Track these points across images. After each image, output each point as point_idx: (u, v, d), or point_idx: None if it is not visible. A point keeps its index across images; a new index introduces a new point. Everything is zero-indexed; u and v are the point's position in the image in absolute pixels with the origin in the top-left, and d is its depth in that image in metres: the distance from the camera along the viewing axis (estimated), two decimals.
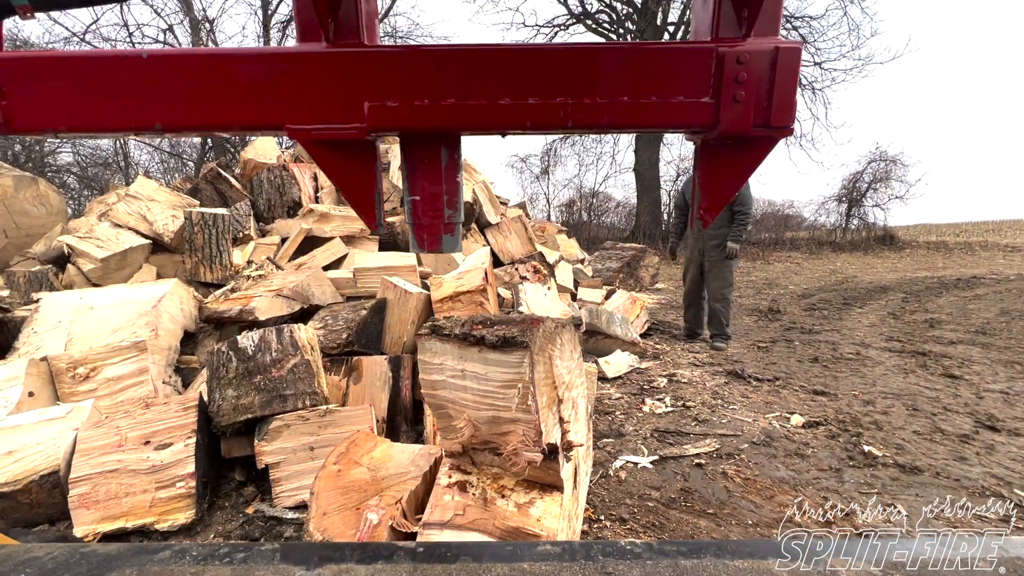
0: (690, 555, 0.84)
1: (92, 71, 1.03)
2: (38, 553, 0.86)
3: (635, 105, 1.04)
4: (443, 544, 0.91)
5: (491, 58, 1.04)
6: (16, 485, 2.08)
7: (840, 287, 10.83)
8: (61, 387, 2.61)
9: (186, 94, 1.04)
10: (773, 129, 1.04)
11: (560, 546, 0.89)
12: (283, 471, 2.38)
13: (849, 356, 5.21)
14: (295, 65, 1.03)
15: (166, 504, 2.17)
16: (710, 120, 1.03)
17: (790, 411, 3.66)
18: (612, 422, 3.48)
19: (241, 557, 0.85)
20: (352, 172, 1.12)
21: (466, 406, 1.45)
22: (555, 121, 1.05)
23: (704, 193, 1.14)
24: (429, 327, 1.31)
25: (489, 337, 1.27)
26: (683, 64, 1.03)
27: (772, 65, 1.01)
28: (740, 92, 1.01)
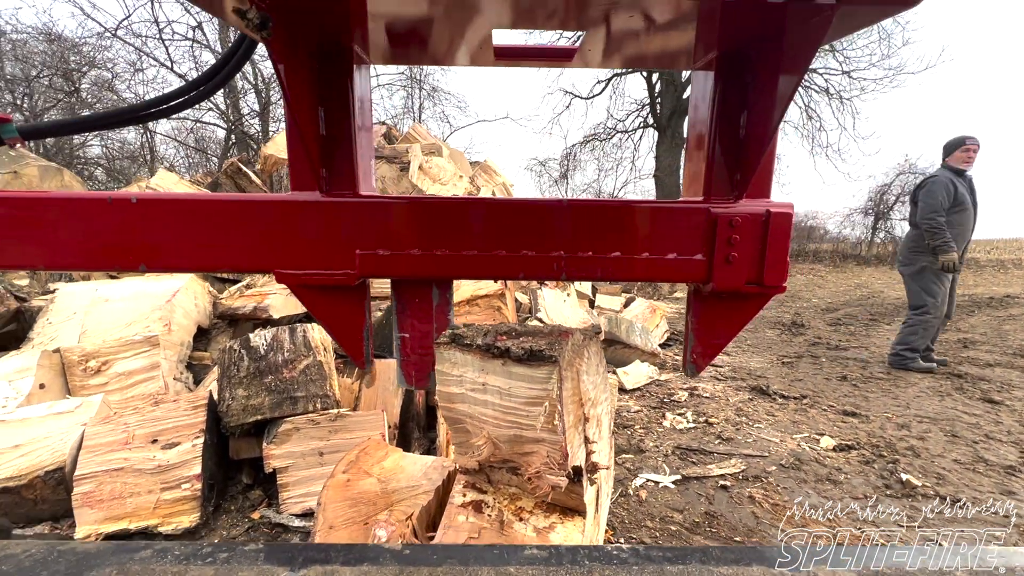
0: (675, 561, 0.84)
1: (79, 213, 1.01)
2: (15, 550, 0.83)
3: (629, 260, 1.04)
4: (429, 547, 0.89)
5: (486, 211, 1.04)
6: (21, 480, 2.03)
7: (866, 302, 10.52)
8: (72, 380, 2.57)
9: (174, 237, 1.02)
10: (766, 287, 1.04)
11: (547, 550, 0.88)
12: (291, 476, 2.30)
13: (880, 375, 5.00)
14: (287, 213, 1.02)
15: (171, 506, 2.10)
16: (703, 276, 1.04)
17: (819, 432, 3.48)
18: (631, 436, 3.35)
19: (224, 557, 0.83)
20: (340, 314, 1.10)
21: (486, 422, 1.34)
22: (549, 273, 1.05)
23: (697, 339, 1.14)
24: (449, 335, 1.19)
25: (515, 349, 1.16)
26: (676, 222, 1.03)
27: (764, 227, 1.01)
28: (733, 253, 1.02)
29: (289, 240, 1.03)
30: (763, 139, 0.92)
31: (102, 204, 1.00)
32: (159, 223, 1.02)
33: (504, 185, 6.16)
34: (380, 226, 1.03)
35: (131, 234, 1.01)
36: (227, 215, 1.02)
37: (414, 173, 5.27)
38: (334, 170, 1.04)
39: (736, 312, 1.11)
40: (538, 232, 1.04)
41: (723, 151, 1.03)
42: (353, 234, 1.03)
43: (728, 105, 1.01)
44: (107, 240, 1.02)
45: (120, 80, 10.70)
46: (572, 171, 21.47)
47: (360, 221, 1.03)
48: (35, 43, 9.77)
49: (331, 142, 1.03)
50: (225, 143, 14.32)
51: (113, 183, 10.95)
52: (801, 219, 23.65)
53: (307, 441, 2.32)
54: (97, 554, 0.83)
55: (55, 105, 10.11)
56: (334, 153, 1.03)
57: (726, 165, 1.04)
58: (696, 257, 1.04)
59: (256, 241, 1.03)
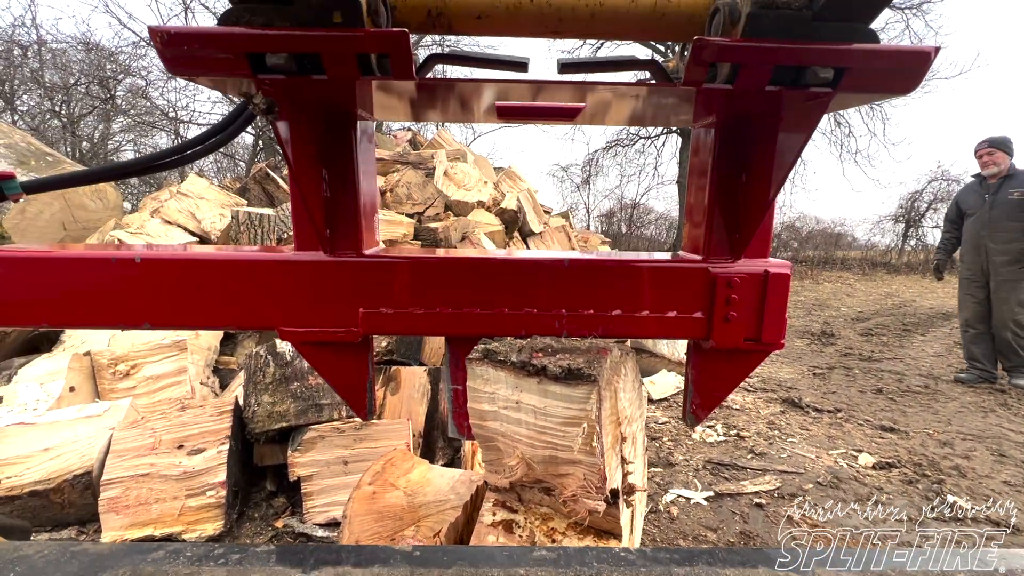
0: (683, 563, 0.84)
1: (82, 272, 1.01)
2: (28, 551, 0.83)
3: (630, 318, 1.06)
4: (440, 548, 0.90)
5: (488, 269, 1.06)
6: (50, 484, 2.04)
7: (898, 311, 10.18)
8: (101, 383, 2.59)
9: (178, 296, 1.02)
10: (764, 344, 1.05)
11: (556, 552, 0.89)
12: (315, 485, 2.27)
13: (918, 389, 4.80)
14: (291, 272, 1.03)
15: (195, 513, 2.09)
16: (702, 334, 1.06)
17: (857, 448, 3.34)
18: (660, 449, 3.26)
19: (236, 558, 0.83)
20: (343, 370, 1.11)
21: (519, 442, 1.29)
22: (551, 330, 1.07)
23: (696, 392, 1.15)
24: (482, 351, 1.14)
25: (552, 368, 1.11)
26: (676, 281, 1.05)
27: (763, 287, 1.03)
28: (731, 312, 1.03)
29: (293, 298, 1.03)
30: (763, 201, 0.93)
31: (106, 263, 1.01)
32: (163, 282, 1.02)
33: (529, 191, 6.11)
34: (383, 285, 1.04)
35: (135, 293, 1.01)
36: (231, 274, 1.03)
37: (439, 179, 5.25)
38: (338, 230, 1.04)
39: (735, 367, 1.12)
40: (540, 290, 1.05)
41: (722, 211, 1.04)
42: (356, 292, 1.04)
43: (728, 165, 1.01)
44: (111, 299, 1.01)
45: (154, 87, 11.01)
46: (594, 177, 21.37)
47: (363, 280, 1.04)
48: (74, 52, 10.12)
49: (335, 203, 1.03)
50: (253, 148, 14.59)
51: (145, 188, 11.23)
52: (828, 226, 23.12)
53: (332, 449, 2.29)
54: (110, 555, 0.83)
55: (91, 112, 10.44)
56: (338, 213, 1.03)
57: (725, 225, 1.04)
58: (696, 315, 1.05)
59: (260, 299, 1.03)
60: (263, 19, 0.70)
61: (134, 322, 1.03)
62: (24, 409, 2.31)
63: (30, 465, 2.07)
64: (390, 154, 5.59)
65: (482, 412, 1.31)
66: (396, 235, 4.60)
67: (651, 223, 22.26)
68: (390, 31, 0.70)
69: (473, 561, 0.86)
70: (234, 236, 3.70)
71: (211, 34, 0.69)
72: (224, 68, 0.72)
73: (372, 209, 1.12)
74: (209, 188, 4.08)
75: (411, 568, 0.83)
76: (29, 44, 9.67)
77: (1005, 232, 4.82)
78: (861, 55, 0.72)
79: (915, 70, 0.73)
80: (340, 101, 0.96)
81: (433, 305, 1.05)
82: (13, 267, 1.01)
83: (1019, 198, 4.74)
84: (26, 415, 2.24)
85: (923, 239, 19.73)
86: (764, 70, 0.74)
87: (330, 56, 0.72)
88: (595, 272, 1.06)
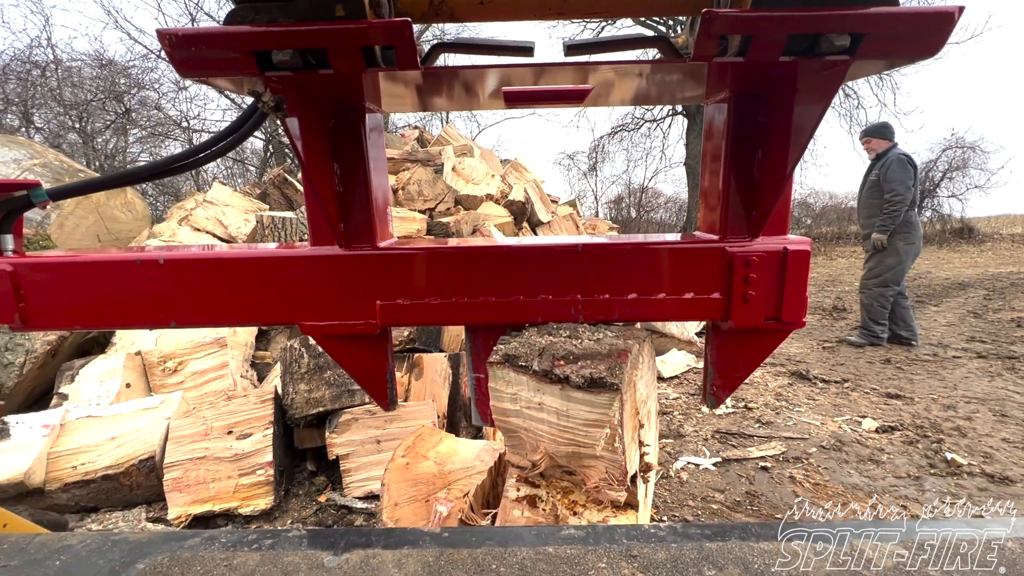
0: (715, 538, 0.84)
1: (109, 274, 1.04)
2: (71, 541, 0.87)
3: (647, 301, 1.04)
4: (468, 530, 0.93)
5: (502, 257, 1.05)
6: (119, 468, 2.28)
7: (912, 283, 10.16)
8: (153, 379, 2.84)
9: (202, 294, 1.05)
10: (784, 323, 1.03)
11: (584, 530, 0.89)
12: (352, 462, 2.49)
13: (926, 357, 4.89)
14: (309, 268, 1.05)
15: (248, 490, 2.32)
16: (721, 315, 1.04)
17: (861, 415, 3.48)
18: (671, 422, 3.43)
19: (269, 543, 0.86)
20: (363, 361, 1.12)
21: (542, 437, 1.30)
22: (567, 317, 1.06)
23: (717, 373, 1.13)
24: (503, 355, 1.15)
25: (574, 378, 1.12)
26: (692, 262, 1.03)
27: (781, 265, 1.00)
28: (750, 292, 1.01)
29: (312, 294, 1.05)
30: (780, 177, 0.91)
31: (131, 265, 1.03)
32: (186, 282, 1.04)
33: (535, 182, 6.26)
34: (399, 276, 1.05)
35: (160, 293, 1.04)
36: (251, 272, 1.05)
37: (448, 174, 5.43)
38: (352, 224, 1.05)
39: (755, 347, 1.10)
40: (555, 276, 1.05)
41: (738, 189, 1.02)
42: (373, 285, 1.05)
43: (743, 142, 0.99)
44: (138, 300, 1.05)
45: (166, 99, 11.34)
46: (601, 163, 21.36)
47: (379, 272, 1.04)
48: (89, 69, 10.46)
49: (347, 197, 1.04)
50: (264, 153, 14.89)
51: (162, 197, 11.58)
52: (841, 200, 22.83)
53: (366, 430, 2.51)
54: (149, 542, 0.86)
55: (108, 126, 10.79)
56: (351, 207, 1.04)
57: (742, 203, 1.02)
58: (714, 296, 1.04)
59: (280, 296, 1.05)
60: (267, 16, 0.70)
61: (161, 321, 1.06)
62: (88, 404, 2.56)
63: (100, 452, 2.31)
64: (400, 153, 5.78)
65: (504, 409, 1.32)
66: (410, 231, 4.80)
67: (660, 207, 22.21)
68: (392, 21, 0.70)
69: (502, 541, 0.85)
70: (259, 239, 3.93)
71: (218, 34, 0.70)
72: (232, 67, 0.73)
73: (385, 202, 1.13)
74: (233, 195, 4.31)
75: (440, 549, 0.83)
76: (46, 64, 10.02)
77: (867, 208, 5.43)
78: (879, 19, 0.68)
79: (937, 32, 0.69)
80: (348, 95, 0.96)
81: (449, 295, 1.05)
82: (45, 272, 1.04)
83: (874, 179, 5.24)
84: (92, 409, 2.49)
85: (939, 209, 19.45)
86: (776, 40, 0.71)
87: (335, 49, 0.72)
88: (609, 256, 1.05)
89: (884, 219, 5.17)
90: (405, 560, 0.81)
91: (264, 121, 1.11)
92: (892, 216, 5.15)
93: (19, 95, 9.77)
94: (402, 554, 0.82)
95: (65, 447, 2.32)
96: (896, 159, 5.16)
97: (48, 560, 0.82)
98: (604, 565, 0.80)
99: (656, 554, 0.81)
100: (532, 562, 0.80)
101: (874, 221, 5.28)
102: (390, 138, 7.39)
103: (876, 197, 5.26)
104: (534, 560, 0.81)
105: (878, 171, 5.21)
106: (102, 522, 2.22)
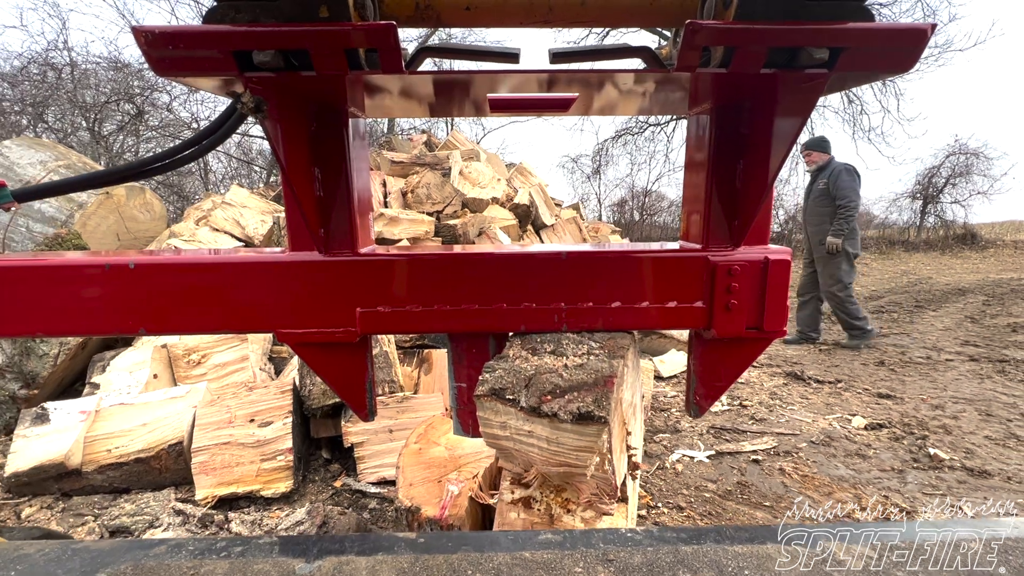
0: (690, 541, 0.84)
1: (76, 279, 1.00)
2: (29, 551, 0.83)
3: (630, 309, 1.05)
4: (444, 535, 0.91)
5: (485, 264, 1.04)
6: (150, 452, 2.45)
7: (912, 288, 10.27)
8: (178, 371, 3.01)
9: (174, 300, 1.01)
10: (766, 332, 1.04)
11: (561, 534, 0.89)
12: (366, 450, 2.65)
13: (919, 360, 5.02)
14: (286, 273, 1.02)
15: (269, 474, 2.48)
16: (703, 323, 1.05)
17: (851, 413, 3.62)
18: (668, 419, 3.58)
19: (239, 551, 0.83)
20: (342, 370, 1.10)
21: (533, 458, 1.27)
22: (550, 325, 1.05)
23: (700, 382, 1.13)
24: (489, 389, 1.08)
25: (562, 415, 1.09)
26: (675, 271, 1.04)
27: (763, 274, 1.02)
28: (732, 300, 1.02)
29: (289, 300, 1.02)
30: (761, 187, 0.92)
31: (99, 269, 0.99)
32: (157, 288, 1.00)
33: (539, 185, 6.43)
34: (380, 283, 1.02)
35: (130, 299, 1.00)
36: (225, 277, 1.01)
37: (455, 178, 5.60)
38: (332, 229, 1.02)
39: (737, 356, 1.11)
40: (538, 284, 1.04)
41: (720, 199, 1.03)
42: (353, 292, 1.02)
43: (725, 152, 1.01)
44: (106, 306, 1.00)
45: (178, 101, 11.56)
46: (604, 166, 21.50)
47: (359, 279, 1.02)
48: (104, 72, 10.69)
49: (328, 201, 1.01)
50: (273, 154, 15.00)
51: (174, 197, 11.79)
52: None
53: (379, 419, 2.67)
54: (111, 551, 0.82)
55: (122, 128, 11.02)
56: (331, 212, 1.01)
57: (724, 213, 1.03)
58: (696, 304, 1.04)
59: (256, 302, 1.02)
60: (249, 16, 0.69)
61: (130, 328, 1.02)
62: (119, 393, 2.73)
63: (133, 437, 2.48)
64: (408, 156, 5.95)
65: (495, 435, 1.27)
66: (419, 233, 4.97)
67: (663, 210, 22.33)
68: (377, 24, 0.69)
69: (478, 546, 0.84)
70: (276, 240, 4.10)
71: (196, 33, 0.68)
72: (211, 67, 0.71)
73: (366, 207, 1.11)
74: (250, 196, 4.48)
75: (415, 555, 0.81)
76: (62, 66, 10.26)
77: (816, 216, 5.68)
78: (855, 34, 0.71)
79: (912, 48, 0.72)
80: (330, 98, 0.94)
81: (431, 302, 1.03)
82: (8, 276, 0.99)
83: (823, 187, 5.52)
84: (124, 397, 2.66)
85: (942, 215, 19.52)
86: (758, 52, 0.73)
87: (317, 51, 0.70)
88: (593, 264, 1.05)
89: (840, 223, 5.43)
90: (379, 567, 0.79)
91: (244, 121, 1.07)
92: (847, 220, 5.45)
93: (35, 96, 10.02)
94: (376, 560, 0.80)
95: (100, 432, 2.49)
96: (844, 169, 5.49)
97: (2, 571, 0.79)
98: (580, 570, 0.80)
99: (632, 558, 0.81)
100: (509, 567, 0.80)
101: (824, 228, 5.54)
102: (399, 142, 7.57)
103: (825, 205, 5.55)
104: (511, 565, 0.80)
105: (826, 180, 5.49)
106: (135, 502, 2.38)
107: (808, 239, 5.85)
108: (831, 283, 5.58)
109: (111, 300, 1.00)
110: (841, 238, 5.43)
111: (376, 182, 5.13)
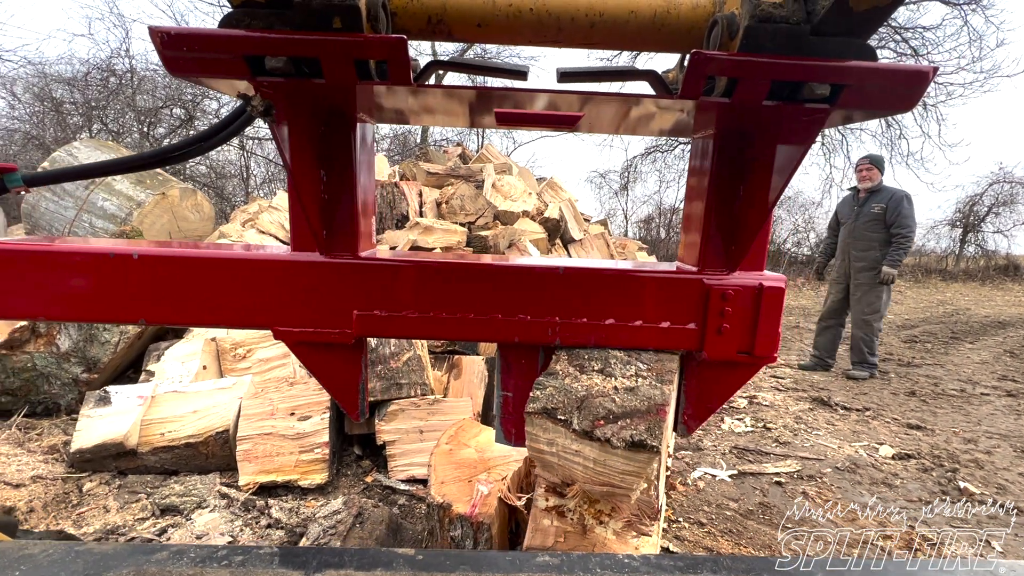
0: (687, 570, 0.84)
1: (78, 267, 1.01)
2: (33, 551, 0.84)
3: (624, 327, 1.06)
4: (442, 553, 0.91)
5: (483, 275, 1.05)
6: (199, 438, 2.61)
7: (949, 319, 9.98)
8: (225, 364, 3.19)
9: (175, 292, 1.03)
10: (756, 357, 1.06)
11: (559, 557, 0.89)
12: (397, 448, 2.77)
13: (952, 392, 4.92)
14: (286, 272, 1.03)
15: (307, 465, 2.62)
16: (695, 345, 1.06)
17: (879, 442, 3.59)
18: (690, 436, 3.60)
19: (239, 560, 0.83)
20: (336, 371, 1.11)
21: (576, 476, 1.25)
22: (544, 338, 1.06)
23: (689, 402, 1.14)
24: (541, 408, 1.07)
25: (615, 441, 1.07)
26: (670, 292, 1.05)
27: (756, 300, 1.03)
28: (725, 324, 1.03)
29: (288, 298, 1.03)
30: (760, 213, 0.94)
31: (104, 258, 1.01)
32: (159, 279, 1.02)
33: (569, 200, 6.54)
34: (378, 287, 1.04)
35: (132, 288, 1.02)
36: (226, 272, 1.03)
37: (488, 191, 5.76)
38: (334, 231, 1.04)
39: (727, 379, 1.12)
40: (534, 297, 1.05)
41: (719, 222, 1.04)
42: (351, 294, 1.03)
43: (725, 178, 1.02)
44: (108, 293, 1.02)
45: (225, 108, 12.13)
46: (632, 183, 21.52)
47: (358, 282, 1.03)
48: (160, 79, 11.33)
49: (332, 203, 1.03)
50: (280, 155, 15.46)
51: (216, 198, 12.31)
52: None
53: (410, 420, 2.79)
54: (114, 555, 0.82)
55: (173, 131, 11.63)
56: (335, 214, 1.03)
57: (721, 237, 1.04)
58: (689, 326, 1.05)
59: (255, 298, 1.03)
60: (263, 23, 0.70)
61: (129, 317, 1.04)
62: (172, 381, 2.92)
63: (184, 423, 2.65)
64: (443, 168, 6.15)
65: (540, 449, 1.25)
66: (451, 243, 5.13)
67: None
68: (389, 37, 0.70)
69: (476, 565, 0.84)
70: None
71: (211, 36, 0.69)
72: (223, 70, 0.73)
73: (369, 212, 1.12)
74: None
75: (414, 572, 0.81)
76: (123, 72, 10.92)
77: (864, 241, 5.39)
78: (857, 72, 0.71)
79: (913, 89, 0.73)
80: (339, 105, 0.96)
81: (427, 309, 1.04)
82: (15, 259, 1.01)
83: (879, 212, 5.28)
84: (177, 385, 2.84)
85: (984, 244, 18.90)
86: (761, 84, 0.74)
87: (328, 60, 0.72)
88: (590, 281, 1.06)
89: (899, 254, 5.23)
90: None
91: (252, 122, 1.09)
92: (905, 251, 5.27)
93: (97, 100, 10.66)
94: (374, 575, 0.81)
95: (155, 416, 2.67)
96: (905, 196, 5.31)
97: (6, 570, 0.79)
98: None
99: None
100: None
101: (872, 255, 5.32)
102: (434, 154, 7.80)
103: (877, 231, 5.31)
104: None
105: (883, 205, 5.28)
106: (183, 483, 2.55)
107: (847, 263, 5.52)
108: (869, 312, 5.38)
109: (113, 288, 1.02)
110: (897, 268, 5.23)
111: (412, 192, 5.32)
